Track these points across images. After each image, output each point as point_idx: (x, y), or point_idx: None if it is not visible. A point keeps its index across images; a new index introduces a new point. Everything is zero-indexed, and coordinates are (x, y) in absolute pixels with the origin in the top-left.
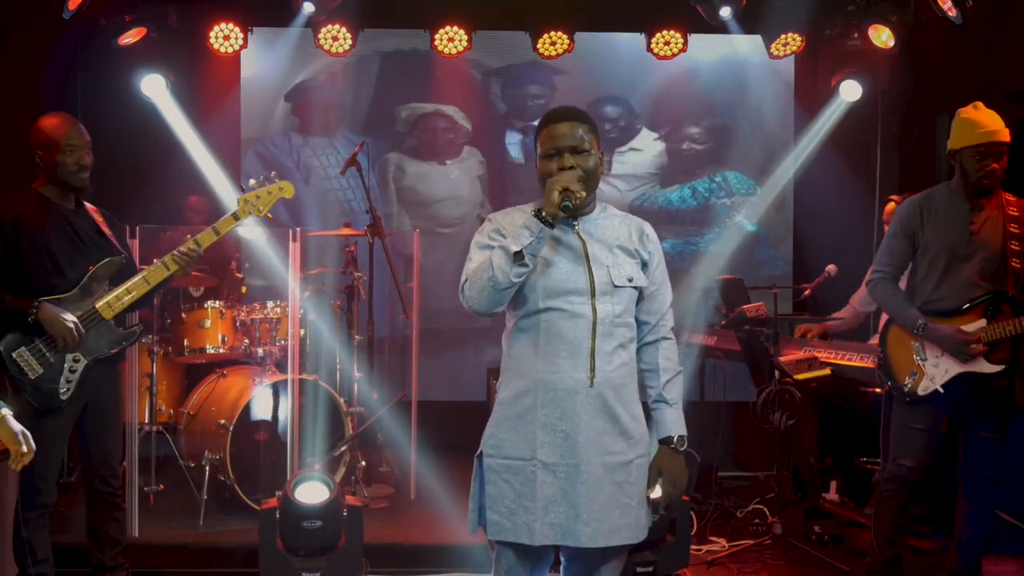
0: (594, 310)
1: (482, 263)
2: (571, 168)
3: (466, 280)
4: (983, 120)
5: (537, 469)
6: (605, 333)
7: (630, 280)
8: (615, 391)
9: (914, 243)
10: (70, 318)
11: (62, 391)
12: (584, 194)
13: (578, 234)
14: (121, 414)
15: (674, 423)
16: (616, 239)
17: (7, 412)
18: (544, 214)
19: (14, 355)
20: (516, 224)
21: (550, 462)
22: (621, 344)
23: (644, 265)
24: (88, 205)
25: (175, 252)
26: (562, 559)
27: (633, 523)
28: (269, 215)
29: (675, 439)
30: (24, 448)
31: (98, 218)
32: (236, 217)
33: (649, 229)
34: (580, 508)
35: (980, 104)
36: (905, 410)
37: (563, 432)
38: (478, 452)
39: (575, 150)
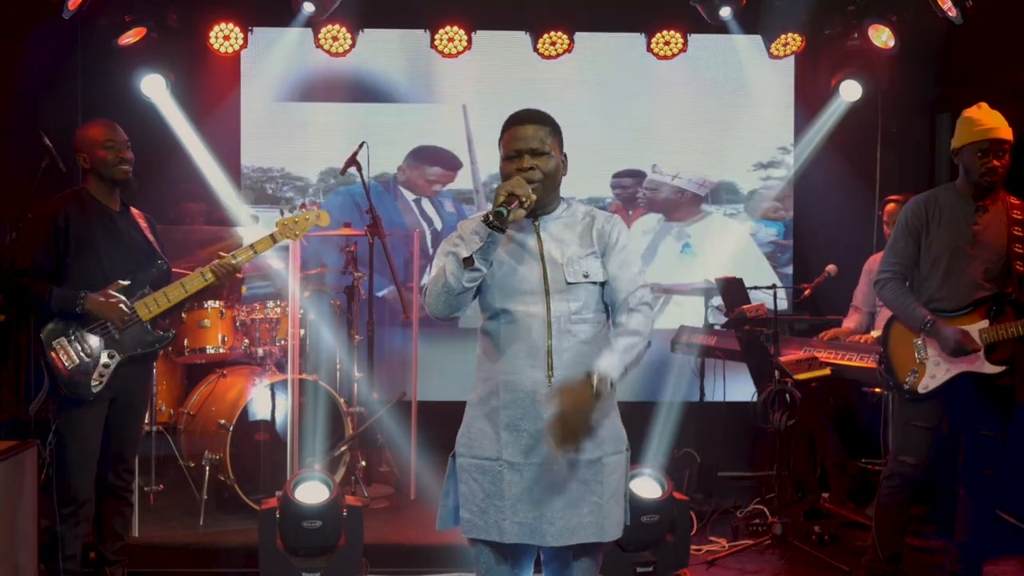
0: (548, 309)
1: (439, 269)
2: (530, 169)
3: (425, 286)
4: (984, 119)
5: (504, 469)
6: (562, 331)
7: (586, 276)
8: None
9: (918, 241)
10: (118, 295)
11: (94, 384)
12: (534, 197)
13: (537, 234)
14: (145, 413)
15: (606, 362)
16: (576, 235)
17: None
18: (491, 219)
19: (54, 343)
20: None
21: (515, 461)
22: (582, 341)
23: (606, 251)
24: (134, 210)
25: (214, 264)
26: (542, 556)
27: (602, 520)
28: (304, 242)
29: (594, 371)
30: None
31: (142, 223)
32: (274, 239)
33: (612, 218)
34: (544, 507)
35: (984, 104)
36: (908, 408)
37: (526, 432)
38: (452, 452)
39: (535, 152)
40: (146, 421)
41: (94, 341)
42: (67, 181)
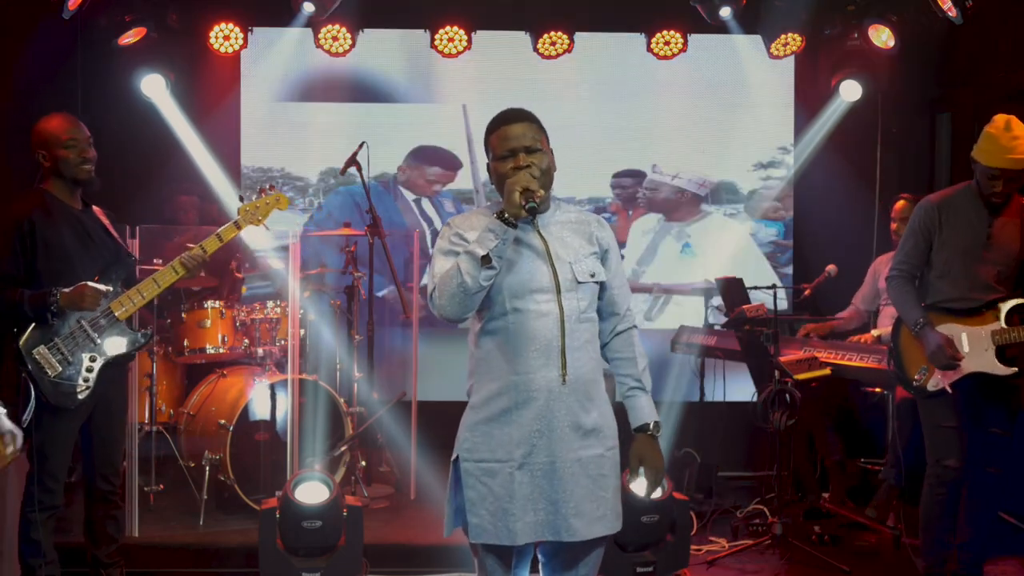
0: (560, 307)
1: (449, 270)
2: (527, 167)
3: (434, 288)
4: (1005, 142)
5: (514, 470)
6: (573, 329)
7: (592, 276)
8: (586, 387)
9: (930, 242)
10: (88, 283)
11: (79, 390)
12: (543, 192)
13: (538, 232)
14: (127, 415)
15: (651, 410)
16: (575, 235)
17: (0, 410)
18: (507, 215)
19: (34, 353)
20: (476, 227)
21: (527, 462)
22: (588, 339)
23: (603, 259)
24: (94, 207)
25: (183, 256)
26: (539, 557)
27: (609, 514)
28: (266, 225)
29: (651, 425)
30: (9, 449)
31: (104, 220)
32: (238, 226)
33: (604, 222)
34: (559, 504)
35: (1014, 121)
36: (931, 409)
37: (538, 431)
38: (453, 457)
39: (529, 150)
40: (146, 421)
41: (74, 346)
42: None
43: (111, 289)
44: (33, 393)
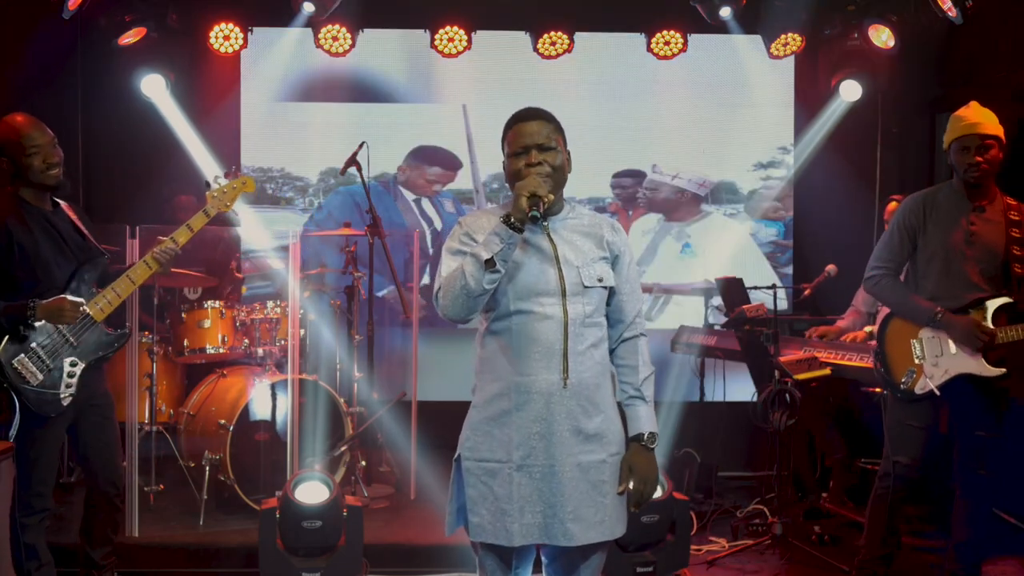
0: (565, 311)
1: (454, 271)
2: (538, 164)
3: (439, 288)
4: (967, 115)
5: (512, 471)
6: (577, 334)
7: (600, 280)
8: (588, 391)
9: (914, 240)
10: (67, 296)
11: (63, 396)
12: (552, 196)
13: (548, 235)
14: (115, 414)
15: (647, 420)
16: (585, 239)
17: None
18: (513, 220)
19: (14, 363)
20: (486, 227)
21: (525, 463)
22: (593, 344)
23: (613, 264)
24: (63, 204)
25: (155, 251)
26: (543, 559)
27: (608, 519)
28: (234, 210)
29: (646, 436)
30: None
31: (73, 216)
32: (207, 214)
33: (618, 227)
34: (556, 507)
35: (974, 103)
36: (902, 408)
37: (537, 434)
38: (456, 455)
39: (542, 147)
40: (146, 421)
41: (54, 352)
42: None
43: (84, 301)
44: (17, 404)
